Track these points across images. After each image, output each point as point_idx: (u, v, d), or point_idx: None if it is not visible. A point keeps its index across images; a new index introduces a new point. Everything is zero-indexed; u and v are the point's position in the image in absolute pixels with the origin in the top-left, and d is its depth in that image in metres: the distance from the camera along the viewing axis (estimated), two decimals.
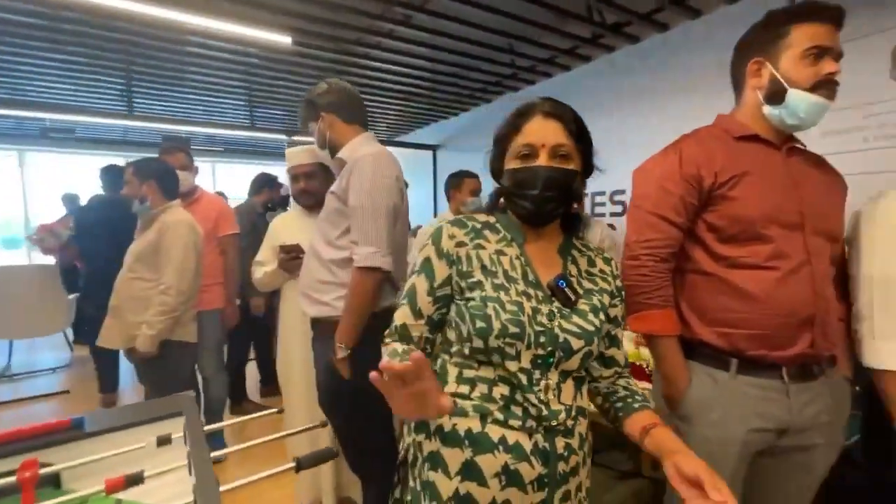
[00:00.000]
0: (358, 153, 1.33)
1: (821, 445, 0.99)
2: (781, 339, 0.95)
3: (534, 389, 0.75)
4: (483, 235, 0.84)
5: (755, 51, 1.00)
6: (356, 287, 1.26)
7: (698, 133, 1.08)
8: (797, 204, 0.95)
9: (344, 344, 1.26)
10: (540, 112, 0.80)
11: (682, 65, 2.83)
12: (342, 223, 1.33)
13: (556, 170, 0.79)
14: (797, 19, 0.95)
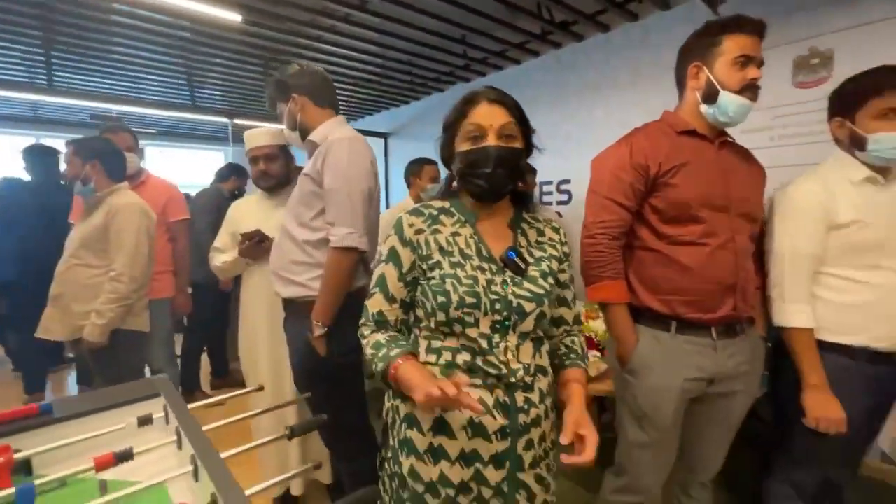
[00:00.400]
0: (332, 136, 1.34)
1: (740, 392, 1.19)
2: (711, 304, 1.12)
3: (494, 352, 0.85)
4: (439, 220, 0.93)
5: (694, 56, 1.15)
6: (333, 266, 1.29)
7: (647, 127, 1.22)
8: (725, 190, 1.12)
9: (321, 322, 1.29)
10: (485, 98, 0.88)
11: (622, 63, 3.05)
12: (316, 204, 1.35)
13: (505, 148, 0.87)
14: (728, 30, 1.11)
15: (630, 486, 1.25)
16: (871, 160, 1.17)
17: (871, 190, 1.17)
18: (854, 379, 1.18)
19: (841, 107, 1.22)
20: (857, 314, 1.17)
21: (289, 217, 1.42)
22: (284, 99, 1.44)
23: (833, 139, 1.28)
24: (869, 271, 1.16)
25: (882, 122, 1.13)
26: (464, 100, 0.91)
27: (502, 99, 0.89)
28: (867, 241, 1.15)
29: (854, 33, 2.13)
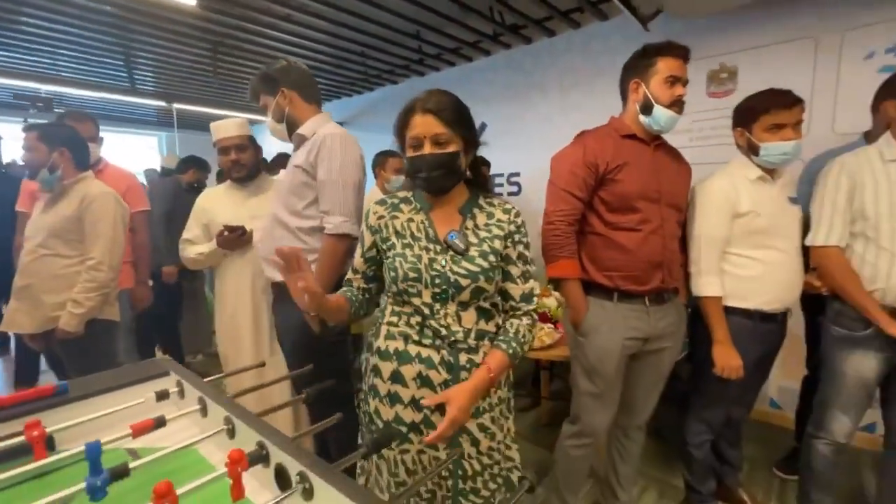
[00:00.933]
0: (323, 131, 1.44)
1: (668, 348, 1.48)
2: (644, 278, 1.39)
3: (435, 317, 1.00)
4: (399, 208, 1.09)
5: (635, 74, 1.40)
6: (329, 252, 1.41)
7: (597, 131, 1.46)
8: (658, 185, 1.39)
9: None
10: (420, 109, 0.98)
11: (565, 66, 3.34)
12: (308, 195, 1.45)
13: (437, 155, 0.98)
14: (661, 53, 1.36)
15: (582, 432, 1.51)
16: (762, 163, 1.49)
17: (762, 187, 1.49)
18: (750, 334, 1.51)
19: (741, 119, 1.53)
20: (753, 284, 1.50)
21: (279, 206, 1.50)
22: (272, 92, 1.51)
23: (735, 144, 1.59)
24: (761, 250, 1.49)
25: (770, 134, 1.44)
26: (404, 110, 1.02)
27: (434, 108, 0.98)
28: (759, 227, 1.47)
29: (753, 53, 2.54)
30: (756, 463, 2.16)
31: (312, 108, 1.54)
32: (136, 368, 1.18)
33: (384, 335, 1.07)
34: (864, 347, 1.42)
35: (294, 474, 0.74)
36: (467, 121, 1.03)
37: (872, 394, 1.48)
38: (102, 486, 0.73)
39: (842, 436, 1.51)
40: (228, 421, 0.92)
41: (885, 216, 1.36)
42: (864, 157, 1.42)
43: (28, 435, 0.88)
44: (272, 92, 1.51)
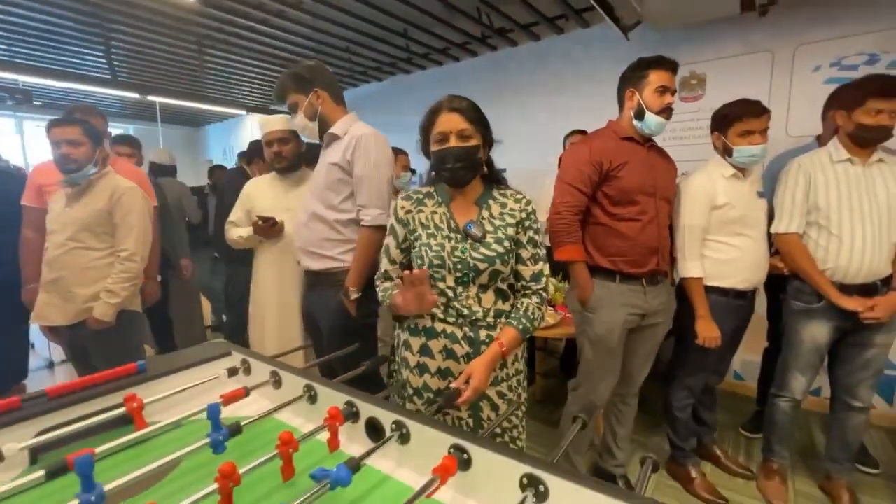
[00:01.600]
0: (356, 131, 1.56)
1: (661, 323, 1.71)
2: (642, 261, 1.61)
3: (459, 299, 1.14)
4: (423, 203, 1.21)
5: (630, 84, 1.60)
6: (366, 242, 1.54)
7: (600, 133, 1.65)
8: (653, 181, 1.60)
9: (356, 287, 1.55)
10: (446, 108, 1.12)
11: (549, 69, 3.56)
12: (344, 190, 1.58)
13: (461, 148, 1.11)
14: (653, 66, 1.57)
15: (587, 396, 1.72)
16: (735, 163, 1.73)
17: (736, 183, 1.74)
18: (726, 309, 1.76)
19: (717, 125, 1.77)
20: (728, 266, 1.75)
21: (315, 202, 1.62)
22: (304, 91, 1.60)
23: (713, 146, 1.83)
24: (735, 237, 1.74)
25: (741, 139, 1.69)
26: (431, 110, 1.15)
27: (459, 106, 1.12)
28: (733, 218, 1.72)
29: (719, 63, 2.84)
30: (725, 426, 2.46)
31: (342, 109, 1.66)
32: (202, 350, 1.29)
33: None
34: (817, 318, 1.70)
35: (389, 424, 0.88)
36: (485, 120, 1.16)
37: (823, 357, 1.77)
38: (223, 440, 0.86)
39: (799, 393, 1.79)
40: (309, 388, 1.05)
41: (834, 208, 1.63)
42: (817, 158, 1.69)
43: (129, 406, 0.99)
44: (304, 91, 1.60)
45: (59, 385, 1.01)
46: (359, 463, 0.73)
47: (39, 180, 2.05)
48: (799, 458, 2.16)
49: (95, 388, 1.03)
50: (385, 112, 4.58)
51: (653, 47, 3.01)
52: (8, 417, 0.91)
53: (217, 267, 3.87)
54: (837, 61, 2.48)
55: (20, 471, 0.89)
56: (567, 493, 0.66)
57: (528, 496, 0.68)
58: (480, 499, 0.76)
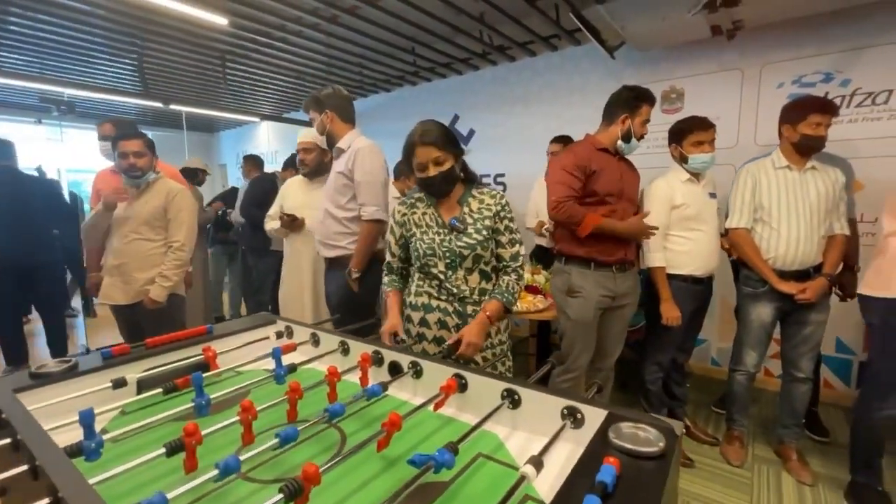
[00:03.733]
0: (356, 144, 1.96)
1: (628, 304, 2.00)
2: (612, 251, 1.90)
3: (449, 280, 1.42)
4: (416, 206, 1.49)
5: (626, 110, 1.86)
6: (367, 233, 1.93)
7: (581, 143, 1.95)
8: (621, 185, 1.91)
9: (358, 269, 1.94)
10: (420, 143, 1.35)
11: (544, 82, 3.87)
12: (348, 193, 1.97)
13: (440, 173, 1.36)
14: (646, 101, 1.86)
15: (568, 369, 2.02)
16: (689, 169, 2.04)
17: (691, 186, 2.05)
18: (686, 293, 2.07)
19: (673, 138, 2.09)
20: (686, 257, 2.05)
21: (328, 203, 2.02)
22: (319, 110, 2.00)
23: (671, 156, 2.14)
24: (690, 232, 2.05)
25: (693, 149, 2.01)
26: (407, 143, 1.38)
27: (430, 140, 1.34)
28: (689, 215, 2.03)
29: (695, 79, 3.15)
30: (700, 404, 2.76)
31: (348, 127, 2.04)
32: (251, 319, 1.59)
33: (413, 293, 1.51)
34: (763, 300, 2.00)
35: (406, 364, 1.19)
36: (454, 140, 1.39)
37: (770, 334, 2.07)
38: (284, 374, 1.16)
39: (752, 366, 2.09)
40: (343, 343, 1.36)
41: (774, 206, 1.94)
42: (762, 165, 2.00)
43: (206, 354, 1.29)
44: (319, 110, 2.00)
45: (154, 338, 1.32)
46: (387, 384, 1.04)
47: (98, 185, 2.39)
48: (759, 429, 2.45)
49: (179, 342, 1.34)
50: (393, 120, 4.91)
51: (636, 65, 3.34)
52: (121, 359, 1.22)
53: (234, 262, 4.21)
54: (798, 79, 2.78)
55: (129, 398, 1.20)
56: (534, 400, 0.97)
57: (505, 403, 0.98)
58: (473, 411, 1.06)
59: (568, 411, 0.92)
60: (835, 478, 2.03)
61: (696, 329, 2.27)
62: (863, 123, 2.61)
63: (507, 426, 1.00)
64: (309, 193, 2.40)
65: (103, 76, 4.19)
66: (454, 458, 0.73)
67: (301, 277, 2.34)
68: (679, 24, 2.58)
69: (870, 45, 2.56)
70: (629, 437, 0.76)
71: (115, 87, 4.20)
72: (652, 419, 0.83)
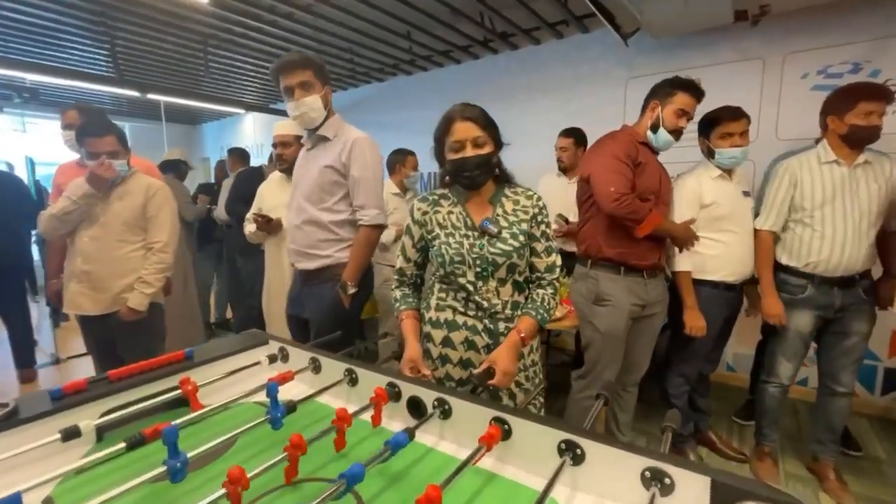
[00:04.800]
0: (350, 135, 1.63)
1: (658, 313, 1.82)
2: (647, 255, 1.72)
3: (479, 293, 1.21)
4: (439, 203, 1.27)
5: (657, 97, 1.69)
6: (365, 240, 1.63)
7: (622, 133, 1.75)
8: (659, 184, 1.72)
9: (354, 282, 1.65)
10: (460, 117, 1.17)
11: (548, 72, 3.67)
12: (339, 192, 1.64)
13: (478, 156, 1.16)
14: (681, 89, 1.66)
15: (591, 384, 1.83)
16: (718, 164, 1.86)
17: (721, 183, 1.87)
18: (716, 301, 1.89)
19: (701, 130, 1.91)
20: (716, 261, 1.87)
21: (307, 204, 1.66)
22: (322, 81, 1.62)
23: (700, 149, 1.96)
24: (721, 233, 1.87)
25: (722, 142, 1.82)
26: (445, 119, 1.19)
27: (472, 115, 1.16)
28: (720, 215, 1.85)
29: (713, 69, 2.97)
30: (718, 414, 2.60)
31: (333, 111, 1.71)
32: (239, 339, 1.36)
33: (434, 307, 1.28)
34: (801, 307, 1.84)
35: (431, 401, 0.98)
36: (495, 125, 1.22)
37: (808, 344, 1.90)
38: (281, 416, 0.94)
39: (786, 378, 1.93)
40: (350, 372, 1.14)
41: (818, 206, 1.76)
42: (805, 160, 1.82)
43: (184, 388, 1.06)
44: (323, 81, 1.62)
45: (119, 369, 1.08)
46: (414, 430, 0.83)
47: (59, 180, 2.10)
48: (788, 442, 2.31)
49: (151, 373, 1.11)
50: (385, 112, 4.66)
51: (648, 53, 3.15)
52: (75, 399, 0.99)
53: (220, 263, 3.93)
54: (824, 69, 2.62)
55: (89, 447, 0.97)
56: (601, 454, 0.76)
57: (566, 460, 0.78)
58: (519, 464, 0.85)
59: (652, 474, 0.72)
60: (877, 499, 1.88)
61: (725, 338, 2.10)
62: (894, 117, 2.46)
63: (567, 486, 0.80)
64: (285, 192, 2.06)
65: (71, 60, 3.85)
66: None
67: (286, 285, 2.04)
68: (702, 8, 2.40)
69: None
70: None
71: (84, 72, 3.86)
72: (778, 493, 0.63)
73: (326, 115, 1.66)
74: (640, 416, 2.49)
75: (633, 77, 3.23)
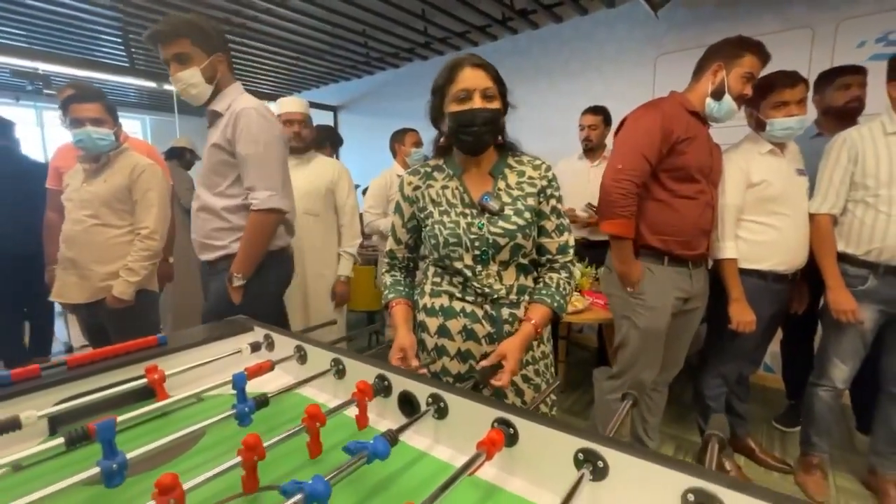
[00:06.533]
0: (239, 105, 1.40)
1: (699, 308, 1.63)
2: (694, 244, 1.52)
3: (478, 278, 1.05)
4: (432, 177, 1.11)
5: (721, 57, 1.48)
6: (256, 227, 1.42)
7: (669, 100, 1.54)
8: (711, 162, 1.52)
9: (241, 274, 1.44)
10: (469, 64, 1.00)
11: (571, 52, 3.45)
12: (230, 173, 1.43)
13: (488, 110, 0.99)
14: (751, 50, 1.45)
15: (626, 384, 1.64)
16: (769, 138, 1.64)
17: (772, 159, 1.65)
18: (764, 294, 1.67)
19: (750, 100, 1.66)
20: (766, 248, 1.65)
21: (202, 189, 1.49)
22: (207, 49, 1.39)
23: (747, 123, 1.73)
24: (772, 216, 1.64)
25: (775, 111, 1.59)
26: (450, 65, 1.02)
27: (483, 63, 1.01)
28: (771, 195, 1.63)
29: None
30: (757, 419, 2.36)
31: (232, 79, 1.49)
32: (223, 325, 1.24)
33: (429, 293, 1.13)
34: (863, 301, 1.60)
35: (425, 398, 0.82)
36: (504, 83, 1.06)
37: (868, 344, 1.67)
38: (249, 412, 0.81)
39: (840, 382, 1.70)
40: (337, 362, 1.00)
41: (884, 184, 1.53)
42: (867, 131, 1.58)
43: (150, 377, 0.94)
44: (207, 49, 1.40)
45: (78, 355, 0.97)
46: (396, 436, 0.68)
47: (57, 163, 2.04)
48: (838, 452, 2.06)
49: (116, 359, 0.99)
50: (401, 99, 4.52)
51: (681, 27, 2.90)
52: (27, 385, 0.88)
53: None
54: (884, 36, 2.34)
55: (39, 440, 0.86)
56: (629, 468, 0.60)
57: (584, 473, 0.62)
58: (527, 476, 0.70)
59: (696, 497, 0.55)
60: None
61: (771, 336, 1.88)
62: None
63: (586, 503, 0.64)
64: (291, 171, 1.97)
65: (84, 48, 3.83)
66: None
67: None
68: None
69: None
70: None
71: (99, 62, 3.85)
72: None
73: (217, 87, 1.45)
74: (668, 420, 2.29)
75: (663, 54, 2.99)
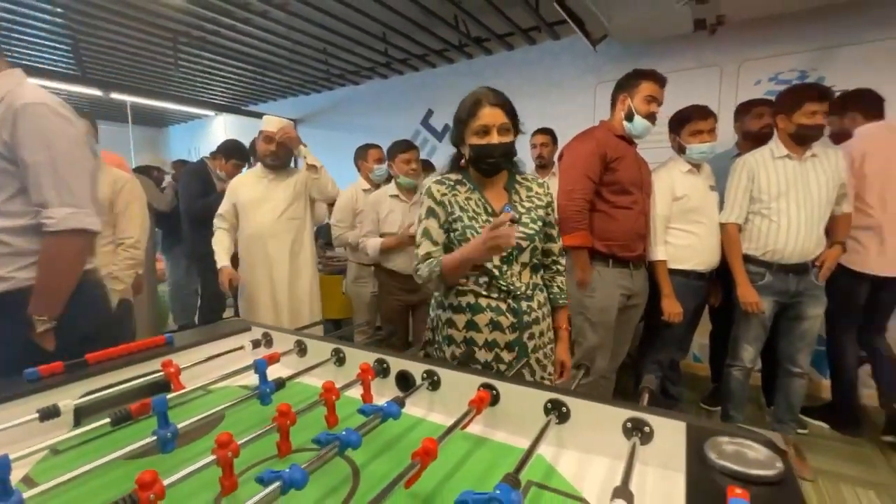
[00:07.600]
0: (18, 99, 1.08)
1: (640, 304, 1.91)
2: (632, 246, 1.80)
3: (503, 277, 1.23)
4: (456, 189, 1.27)
5: (624, 89, 1.79)
6: (54, 253, 1.12)
7: (600, 129, 1.84)
8: (640, 176, 1.81)
9: (47, 316, 1.14)
10: (488, 103, 1.17)
11: (522, 77, 3.78)
12: (8, 186, 1.11)
13: (504, 144, 1.18)
14: (645, 78, 1.77)
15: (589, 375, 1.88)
16: (689, 160, 1.98)
17: (691, 177, 1.99)
18: (688, 290, 1.99)
19: (673, 127, 2.03)
20: (688, 251, 1.98)
21: None
22: None
23: (671, 146, 2.08)
24: (692, 225, 1.98)
25: (692, 138, 1.94)
26: (472, 102, 1.18)
27: (500, 101, 1.18)
28: (691, 207, 1.96)
29: (676, 74, 3.11)
30: (688, 400, 2.71)
31: (9, 68, 1.17)
32: (222, 326, 1.34)
33: (454, 292, 1.27)
34: (761, 293, 1.96)
35: (420, 374, 1.00)
36: (517, 115, 1.23)
37: (767, 328, 2.03)
38: (270, 392, 0.94)
39: (748, 361, 2.04)
40: (337, 352, 1.14)
41: (774, 198, 1.90)
42: (759, 156, 1.96)
43: (166, 371, 1.04)
44: None
45: (96, 353, 1.05)
46: (404, 400, 0.84)
47: None
48: (751, 423, 2.43)
49: (131, 356, 1.08)
50: (361, 115, 4.67)
51: (616, 60, 3.30)
52: (52, 381, 0.95)
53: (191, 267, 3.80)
54: (775, 76, 2.82)
55: (65, 430, 0.93)
56: (585, 410, 0.80)
57: (551, 418, 0.81)
58: (508, 428, 0.88)
59: (633, 424, 0.77)
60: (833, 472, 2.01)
61: (695, 326, 2.21)
62: None
63: (553, 445, 0.84)
64: (267, 186, 2.07)
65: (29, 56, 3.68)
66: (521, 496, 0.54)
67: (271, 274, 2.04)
68: (665, 15, 2.55)
69: (844, 43, 2.63)
70: (737, 457, 0.61)
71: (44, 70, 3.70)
72: (746, 431, 0.69)
73: None
74: None
75: (602, 82, 3.38)
